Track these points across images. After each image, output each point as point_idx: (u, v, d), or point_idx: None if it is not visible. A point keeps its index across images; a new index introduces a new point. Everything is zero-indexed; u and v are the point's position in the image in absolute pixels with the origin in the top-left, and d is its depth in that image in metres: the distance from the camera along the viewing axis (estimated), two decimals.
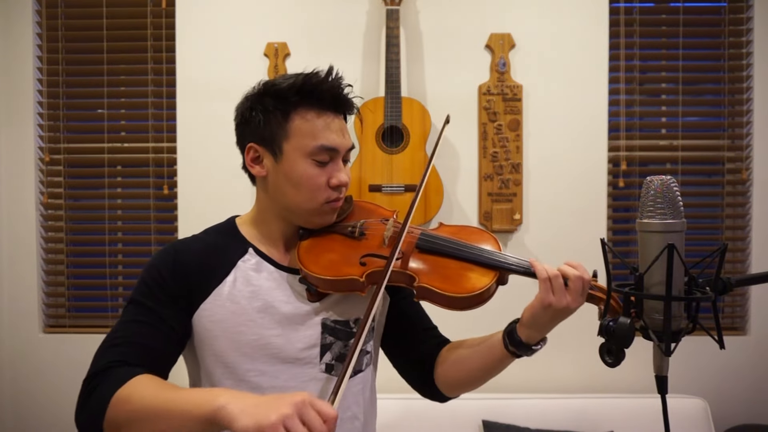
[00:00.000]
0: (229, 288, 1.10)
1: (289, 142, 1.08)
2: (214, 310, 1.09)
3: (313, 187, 1.09)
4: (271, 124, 1.09)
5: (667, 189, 0.85)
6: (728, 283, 0.87)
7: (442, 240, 1.13)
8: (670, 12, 2.56)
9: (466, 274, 1.08)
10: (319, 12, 2.46)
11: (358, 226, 1.15)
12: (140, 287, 1.09)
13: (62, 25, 2.57)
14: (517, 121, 2.44)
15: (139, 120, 2.61)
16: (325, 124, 1.10)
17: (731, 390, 2.50)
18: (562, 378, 2.48)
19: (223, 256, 1.12)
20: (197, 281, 1.09)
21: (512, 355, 1.09)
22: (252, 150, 1.12)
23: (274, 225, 1.16)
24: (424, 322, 1.28)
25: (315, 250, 1.12)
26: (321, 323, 1.12)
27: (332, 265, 1.09)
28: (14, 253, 2.57)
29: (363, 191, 2.34)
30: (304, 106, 1.09)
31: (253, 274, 1.11)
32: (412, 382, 1.26)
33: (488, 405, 2.28)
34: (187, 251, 1.11)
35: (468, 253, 1.10)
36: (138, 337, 1.04)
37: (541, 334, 1.07)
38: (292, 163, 1.09)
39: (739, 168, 2.54)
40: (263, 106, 1.10)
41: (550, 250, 2.47)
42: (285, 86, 1.08)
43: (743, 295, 2.55)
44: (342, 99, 1.13)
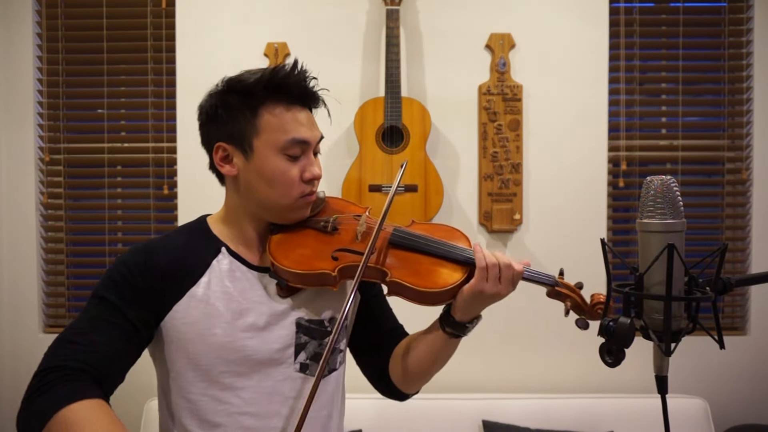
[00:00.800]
0: (203, 289, 1.07)
1: (259, 138, 1.07)
2: (188, 311, 1.06)
3: (287, 182, 1.08)
4: (239, 121, 1.07)
5: (667, 189, 0.85)
6: (728, 283, 0.87)
7: (415, 236, 1.13)
8: (670, 12, 2.56)
9: (437, 270, 1.09)
10: (319, 12, 2.46)
11: (331, 221, 1.15)
12: (106, 282, 1.05)
13: (62, 25, 2.57)
14: (517, 121, 2.44)
15: (139, 120, 2.61)
16: (294, 117, 1.08)
17: (731, 390, 2.50)
18: (562, 378, 2.48)
19: (197, 257, 1.10)
20: (171, 282, 1.06)
21: (450, 336, 1.11)
22: (221, 149, 1.09)
23: (246, 224, 1.14)
24: (390, 322, 1.28)
25: (286, 244, 1.11)
26: (295, 323, 1.11)
27: (304, 259, 1.08)
28: (14, 253, 2.57)
29: (363, 191, 2.34)
30: (271, 101, 1.07)
31: (226, 274, 1.10)
32: (373, 380, 1.26)
33: (488, 405, 2.28)
34: (160, 252, 1.08)
35: (440, 249, 1.11)
36: (96, 335, 1.00)
37: (474, 313, 1.10)
38: (263, 159, 1.07)
39: (739, 168, 2.54)
40: (229, 103, 1.07)
41: (550, 250, 2.47)
42: (251, 81, 1.06)
43: (743, 295, 2.55)
44: (308, 92, 1.11)
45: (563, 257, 2.46)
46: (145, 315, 1.05)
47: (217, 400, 1.07)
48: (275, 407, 1.09)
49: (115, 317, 1.02)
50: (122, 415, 2.49)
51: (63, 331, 1.02)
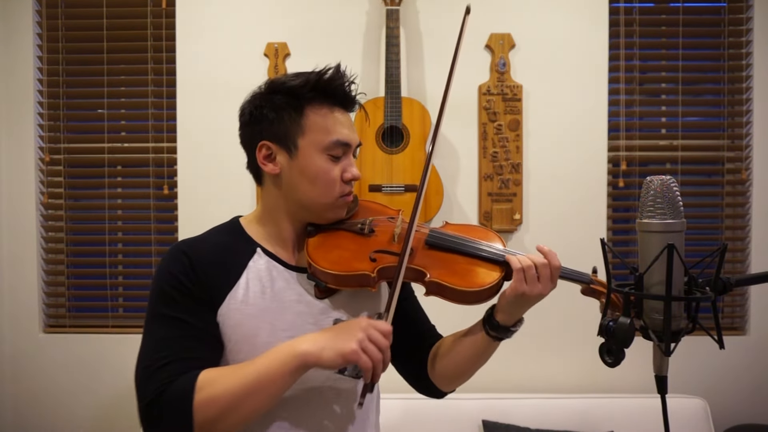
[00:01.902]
0: (243, 291, 1.08)
1: (304, 138, 1.09)
2: (231, 314, 1.07)
3: (329, 181, 1.10)
4: (285, 121, 1.10)
5: (667, 189, 0.85)
6: (728, 283, 0.87)
7: (451, 237, 1.16)
8: (670, 12, 2.56)
9: (475, 270, 1.11)
10: (319, 12, 2.46)
11: (368, 223, 1.17)
12: (160, 298, 1.05)
13: (62, 25, 2.57)
14: (517, 121, 2.44)
15: (139, 120, 2.61)
16: (337, 119, 1.11)
17: (731, 390, 2.50)
18: (562, 378, 2.48)
19: (233, 258, 1.11)
20: (214, 283, 1.07)
21: (493, 339, 1.13)
22: (264, 147, 1.11)
23: (283, 224, 1.15)
24: (424, 323, 1.30)
25: (324, 246, 1.13)
26: (333, 322, 1.11)
27: (342, 261, 1.10)
28: (14, 253, 2.57)
29: (363, 191, 2.34)
30: (317, 103, 1.10)
31: (264, 274, 1.11)
32: (410, 379, 1.28)
33: (488, 405, 2.28)
34: (198, 252, 1.08)
35: (476, 249, 1.13)
36: (179, 353, 1.00)
37: (516, 317, 1.12)
38: (307, 158, 1.10)
39: (739, 168, 2.54)
40: (275, 103, 1.10)
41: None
42: (298, 83, 1.09)
43: (743, 295, 2.55)
44: (350, 96, 1.15)
45: (563, 257, 2.44)
46: (208, 316, 1.06)
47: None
48: (312, 409, 1.10)
49: (187, 330, 1.03)
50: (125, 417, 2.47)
51: (139, 363, 1.01)
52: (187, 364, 0.99)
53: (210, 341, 1.05)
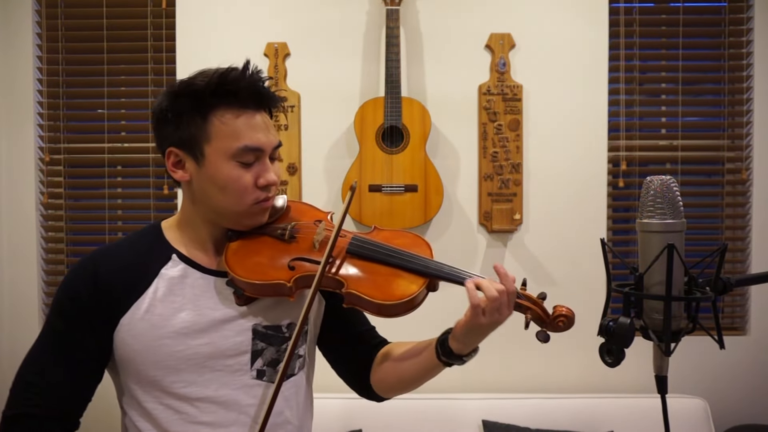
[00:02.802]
0: (149, 300, 1.05)
1: (210, 145, 1.03)
2: (133, 324, 1.04)
3: (240, 189, 1.04)
4: (190, 127, 1.03)
5: (667, 189, 0.85)
6: (728, 283, 0.87)
7: (373, 245, 1.10)
8: (670, 12, 2.56)
9: (395, 281, 1.06)
10: (319, 12, 2.46)
11: (289, 229, 1.11)
12: (56, 306, 1.06)
13: (62, 25, 2.57)
14: (517, 121, 2.44)
15: (139, 120, 2.61)
16: (246, 123, 1.03)
17: (731, 390, 2.50)
18: (562, 378, 2.48)
19: (144, 266, 1.08)
20: (117, 296, 1.05)
21: (444, 364, 1.10)
22: (172, 154, 1.06)
23: (201, 229, 1.11)
24: (360, 324, 1.25)
25: (243, 253, 1.08)
26: (251, 329, 1.08)
27: (259, 269, 1.06)
28: (14, 253, 2.57)
29: (363, 191, 2.34)
30: (222, 106, 1.03)
31: (176, 281, 1.07)
32: (350, 382, 1.25)
33: (488, 405, 2.28)
34: (105, 263, 1.07)
35: (398, 259, 1.08)
36: (54, 373, 1.03)
37: (472, 346, 1.08)
38: (215, 166, 1.03)
39: (739, 168, 2.54)
40: (179, 107, 1.04)
41: (549, 250, 2.47)
42: (201, 86, 1.02)
43: (743, 295, 2.55)
44: (262, 94, 1.06)
45: (563, 257, 2.46)
46: (98, 335, 1.05)
47: (173, 409, 1.06)
48: (233, 416, 1.07)
49: (69, 348, 1.04)
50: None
51: (21, 367, 1.06)
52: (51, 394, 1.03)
53: (86, 362, 1.06)
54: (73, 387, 1.04)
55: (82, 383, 1.06)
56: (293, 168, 2.41)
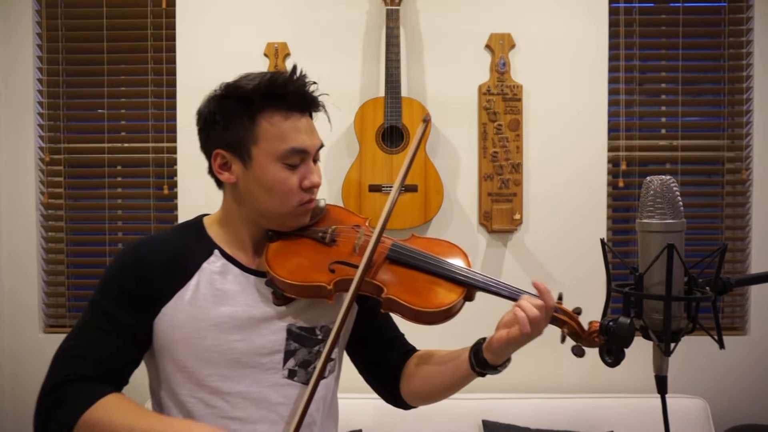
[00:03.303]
0: (191, 292, 1.07)
1: (257, 147, 1.06)
2: (175, 314, 1.06)
3: (286, 191, 1.07)
4: (238, 129, 1.06)
5: (666, 189, 0.85)
6: (728, 283, 0.87)
7: (413, 252, 1.11)
8: (670, 12, 2.56)
9: (434, 289, 1.07)
10: (319, 12, 2.46)
11: (330, 232, 1.13)
12: (101, 287, 1.08)
13: (62, 25, 2.57)
14: (517, 121, 2.44)
15: (139, 120, 2.60)
16: (293, 125, 1.06)
17: (731, 390, 2.50)
18: (562, 378, 2.48)
19: (188, 259, 1.10)
20: (159, 284, 1.07)
21: (478, 374, 1.11)
22: (219, 156, 1.09)
23: (242, 229, 1.13)
24: (390, 331, 1.26)
25: (283, 254, 1.10)
26: (286, 329, 1.10)
27: (300, 270, 1.07)
28: (14, 253, 2.57)
29: (363, 191, 2.34)
30: (270, 109, 1.05)
31: (217, 277, 1.09)
32: (377, 389, 1.26)
33: (488, 405, 2.28)
34: (151, 251, 1.09)
35: (438, 267, 1.09)
36: (97, 346, 1.04)
37: (506, 357, 1.09)
38: (262, 167, 1.06)
39: (739, 168, 2.54)
40: (227, 109, 1.06)
41: (549, 250, 2.47)
42: (249, 89, 1.05)
43: (743, 295, 2.55)
44: (308, 98, 1.09)
45: (563, 257, 2.46)
46: (141, 318, 1.06)
47: (205, 403, 1.07)
48: (262, 413, 1.08)
49: (111, 325, 1.05)
50: None
51: (62, 344, 1.06)
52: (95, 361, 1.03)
53: (127, 340, 1.06)
54: (112, 360, 1.05)
55: (120, 359, 1.06)
56: None
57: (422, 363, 1.19)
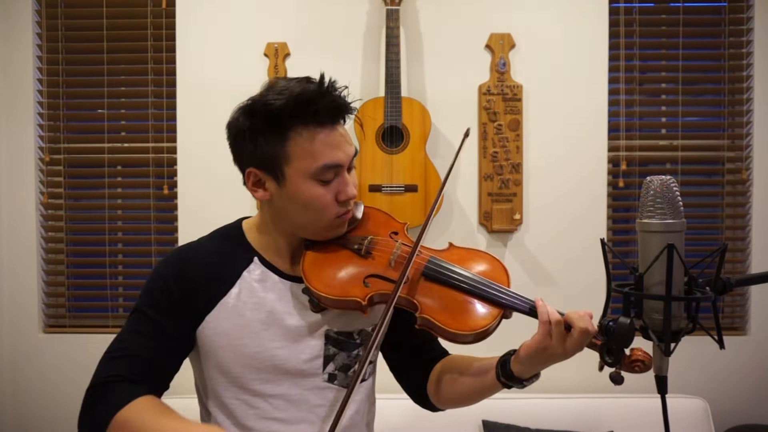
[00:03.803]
0: (234, 300, 1.09)
1: (290, 166, 1.04)
2: (219, 322, 1.08)
3: (321, 207, 1.06)
4: (268, 148, 1.04)
5: (666, 189, 0.85)
6: (728, 283, 0.87)
7: (450, 270, 1.08)
8: (670, 12, 2.56)
9: (470, 309, 1.05)
10: (319, 12, 2.46)
11: (365, 244, 1.12)
12: (145, 296, 1.10)
13: (62, 25, 2.57)
14: (517, 121, 2.44)
15: (139, 120, 2.60)
16: (324, 141, 1.04)
17: (731, 390, 2.50)
18: (562, 378, 2.47)
19: (228, 267, 1.11)
20: (203, 293, 1.09)
21: (503, 385, 1.09)
22: (252, 175, 1.08)
23: (279, 237, 1.14)
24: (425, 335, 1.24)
25: (319, 264, 1.09)
26: (324, 334, 1.12)
27: (336, 283, 1.07)
28: (14, 253, 2.57)
29: (363, 191, 2.33)
30: (299, 124, 1.03)
31: (257, 285, 1.11)
32: (408, 390, 1.27)
33: (488, 405, 2.26)
34: (193, 260, 1.11)
35: (474, 287, 1.06)
36: (140, 350, 1.05)
37: (534, 371, 1.06)
38: (296, 186, 1.04)
39: (739, 168, 2.54)
40: (256, 128, 1.04)
41: (550, 250, 2.47)
42: (277, 106, 1.01)
43: (743, 295, 2.55)
44: (340, 108, 1.07)
45: (563, 257, 2.46)
46: (183, 325, 1.08)
47: (248, 404, 1.10)
48: (303, 414, 1.11)
49: (155, 332, 1.06)
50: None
51: (108, 347, 1.08)
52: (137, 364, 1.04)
53: (170, 346, 1.07)
54: (154, 364, 1.06)
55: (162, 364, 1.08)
56: None
57: (449, 368, 1.19)
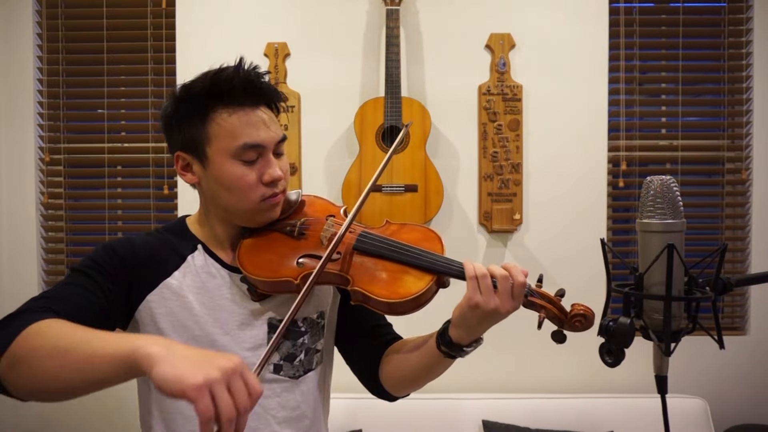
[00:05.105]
0: (177, 282, 1.08)
1: (211, 146, 1.05)
2: (161, 302, 1.07)
3: (245, 187, 1.05)
4: (191, 130, 1.05)
5: (666, 189, 0.85)
6: (728, 283, 0.87)
7: (380, 241, 1.08)
8: (670, 12, 2.56)
9: (402, 278, 1.04)
10: (319, 12, 2.46)
11: (298, 225, 1.11)
12: (85, 260, 1.06)
13: (62, 25, 2.57)
14: (517, 121, 2.44)
15: (139, 120, 2.61)
16: (243, 120, 1.04)
17: (731, 390, 2.50)
18: (562, 378, 2.48)
19: (174, 251, 1.12)
20: (147, 271, 1.07)
21: (445, 355, 1.06)
22: (180, 158, 1.09)
23: (217, 226, 1.14)
24: (375, 320, 1.23)
25: (254, 250, 1.09)
26: (267, 323, 1.10)
27: (269, 266, 1.06)
28: (14, 253, 2.57)
29: (363, 191, 2.33)
30: (219, 106, 1.04)
31: (201, 272, 1.10)
32: (361, 379, 1.24)
33: (488, 405, 2.28)
34: (139, 242, 1.11)
35: (405, 255, 1.06)
36: (70, 296, 0.99)
37: (472, 335, 1.03)
38: (218, 166, 1.05)
39: (739, 168, 2.54)
40: (181, 111, 1.06)
41: (550, 250, 2.47)
42: (196, 88, 1.05)
43: (743, 295, 2.55)
44: (257, 89, 1.06)
45: (563, 257, 2.46)
46: (118, 293, 1.04)
47: None
48: None
49: (89, 284, 1.02)
50: (120, 410, 2.45)
51: None
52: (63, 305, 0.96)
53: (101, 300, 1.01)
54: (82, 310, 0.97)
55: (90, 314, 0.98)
56: (293, 168, 2.42)
57: (396, 349, 1.18)
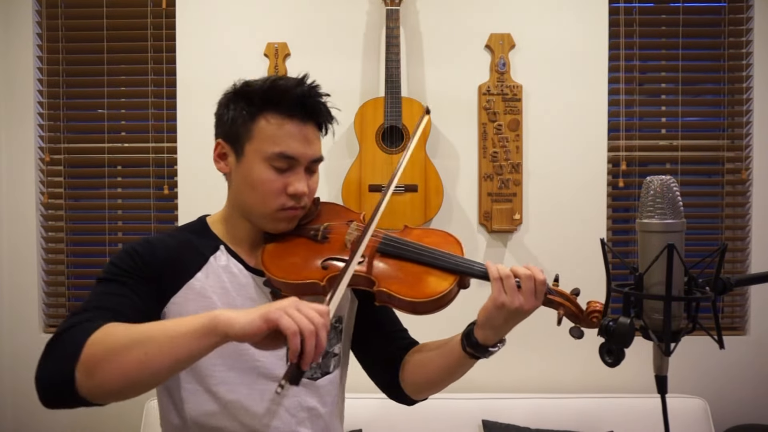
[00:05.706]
0: (200, 283, 1.09)
1: (251, 144, 1.09)
2: (185, 304, 1.08)
3: (267, 192, 1.08)
4: (238, 124, 1.10)
5: (666, 189, 0.85)
6: (728, 283, 0.87)
7: (404, 244, 1.12)
8: (670, 12, 2.56)
9: (425, 279, 1.08)
10: (319, 12, 2.46)
11: (321, 229, 1.15)
12: (110, 267, 1.07)
13: (62, 25, 2.57)
14: (517, 121, 2.44)
15: (139, 120, 2.61)
16: (288, 131, 1.08)
17: (731, 390, 2.50)
18: (562, 378, 2.48)
19: (195, 252, 1.12)
20: (170, 273, 1.08)
21: (470, 356, 1.09)
22: (219, 146, 1.13)
23: (240, 225, 1.15)
24: (392, 325, 1.27)
25: (278, 253, 1.12)
26: None
27: (294, 269, 1.09)
28: (14, 253, 2.57)
29: (363, 191, 2.34)
30: (271, 111, 1.08)
31: (223, 272, 1.11)
32: (379, 383, 1.26)
33: (488, 405, 2.28)
34: (160, 245, 1.11)
35: (428, 257, 1.10)
36: (108, 303, 1.00)
37: (498, 335, 1.07)
38: (250, 164, 1.09)
39: (739, 168, 2.54)
40: (235, 105, 1.11)
41: (549, 250, 2.47)
42: (254, 88, 1.10)
43: (743, 295, 2.55)
44: (311, 107, 1.10)
45: (563, 257, 2.46)
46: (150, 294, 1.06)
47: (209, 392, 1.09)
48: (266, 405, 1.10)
49: (122, 291, 1.03)
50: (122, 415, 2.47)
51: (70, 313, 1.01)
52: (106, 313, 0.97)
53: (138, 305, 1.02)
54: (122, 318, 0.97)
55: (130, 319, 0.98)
56: None
57: (417, 351, 1.20)
